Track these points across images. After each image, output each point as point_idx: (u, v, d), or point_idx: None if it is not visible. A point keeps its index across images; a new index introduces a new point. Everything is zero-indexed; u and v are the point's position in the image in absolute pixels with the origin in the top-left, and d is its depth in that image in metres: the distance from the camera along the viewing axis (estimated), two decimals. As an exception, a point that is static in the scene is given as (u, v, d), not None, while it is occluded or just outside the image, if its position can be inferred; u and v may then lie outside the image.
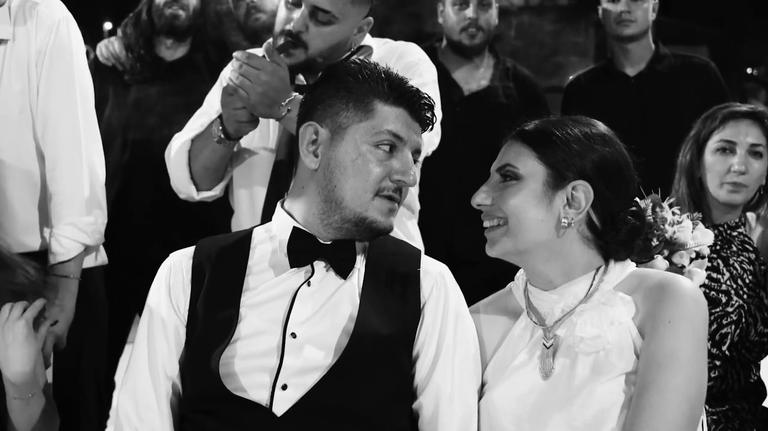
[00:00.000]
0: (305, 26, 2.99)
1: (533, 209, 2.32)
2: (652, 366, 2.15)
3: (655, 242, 2.92)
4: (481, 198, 2.34)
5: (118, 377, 4.16)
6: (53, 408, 2.73)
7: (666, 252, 2.98)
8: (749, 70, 30.35)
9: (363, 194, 2.35)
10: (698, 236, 2.98)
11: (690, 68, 4.90)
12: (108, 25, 30.19)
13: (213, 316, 2.30)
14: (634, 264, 2.36)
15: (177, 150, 3.18)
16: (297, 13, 2.99)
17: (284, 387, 2.18)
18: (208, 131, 3.06)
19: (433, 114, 2.44)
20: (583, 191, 2.30)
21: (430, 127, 2.45)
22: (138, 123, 4.25)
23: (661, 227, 2.92)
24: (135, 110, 4.27)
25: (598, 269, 2.32)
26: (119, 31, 4.61)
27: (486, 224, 2.36)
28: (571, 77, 4.89)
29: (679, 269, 2.91)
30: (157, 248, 3.80)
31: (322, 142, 2.36)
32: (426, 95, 2.43)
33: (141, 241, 4.12)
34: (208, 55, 4.52)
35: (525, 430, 2.22)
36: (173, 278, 2.38)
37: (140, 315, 3.99)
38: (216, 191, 3.21)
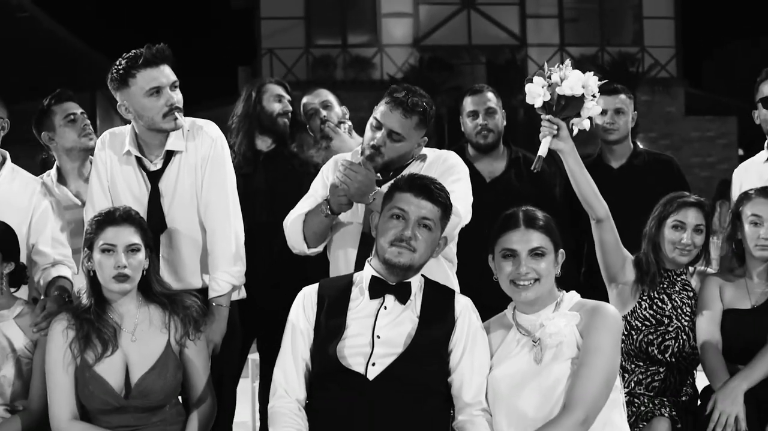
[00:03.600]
0: (384, 142, 4.34)
1: (552, 270, 3.81)
2: (586, 354, 3.61)
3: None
4: (528, 269, 3.73)
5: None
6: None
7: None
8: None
9: (383, 244, 3.81)
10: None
11: (658, 163, 5.87)
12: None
13: (330, 324, 3.78)
14: (578, 295, 3.84)
15: (294, 221, 4.45)
16: (378, 134, 4.34)
17: (373, 364, 3.66)
18: (317, 208, 4.34)
19: (438, 192, 3.83)
20: (562, 255, 3.84)
21: (440, 200, 3.82)
22: (249, 199, 5.10)
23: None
24: (245, 191, 5.02)
25: (557, 298, 3.79)
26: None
27: (525, 283, 3.75)
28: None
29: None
30: (270, 293, 5.05)
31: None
32: (425, 185, 3.82)
33: (259, 289, 5.04)
34: (288, 148, 5.61)
35: (514, 393, 3.65)
36: (306, 301, 3.86)
37: (257, 345, 5.45)
38: (320, 248, 4.47)
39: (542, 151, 4.45)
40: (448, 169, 4.46)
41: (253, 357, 6.44)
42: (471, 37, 27.55)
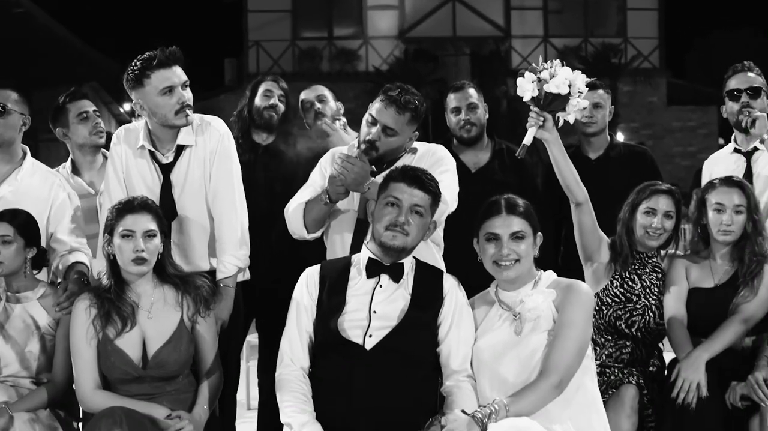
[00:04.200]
0: (379, 137, 4.70)
1: (531, 252, 4.21)
2: (561, 326, 4.02)
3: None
4: (509, 250, 4.15)
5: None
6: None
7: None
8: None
9: (379, 229, 4.22)
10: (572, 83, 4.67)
11: (633, 154, 6.26)
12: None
13: (332, 301, 4.17)
14: (555, 274, 4.23)
15: (295, 208, 4.81)
16: (374, 129, 4.71)
17: (370, 336, 4.06)
18: (317, 197, 4.71)
19: (428, 182, 4.23)
20: (540, 237, 4.23)
21: (431, 189, 4.24)
22: (249, 190, 5.21)
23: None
24: (245, 182, 5.19)
25: (536, 276, 4.19)
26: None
27: (506, 263, 4.16)
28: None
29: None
30: (269, 275, 5.44)
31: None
32: (416, 176, 4.23)
33: (257, 273, 5.26)
34: (286, 142, 6.03)
35: (496, 361, 4.06)
36: (309, 280, 4.25)
37: (256, 325, 5.65)
38: (318, 233, 4.84)
39: (527, 140, 4.78)
40: (437, 161, 4.84)
41: (248, 338, 6.80)
42: (456, 29, 27.95)
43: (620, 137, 26.86)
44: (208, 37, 32.72)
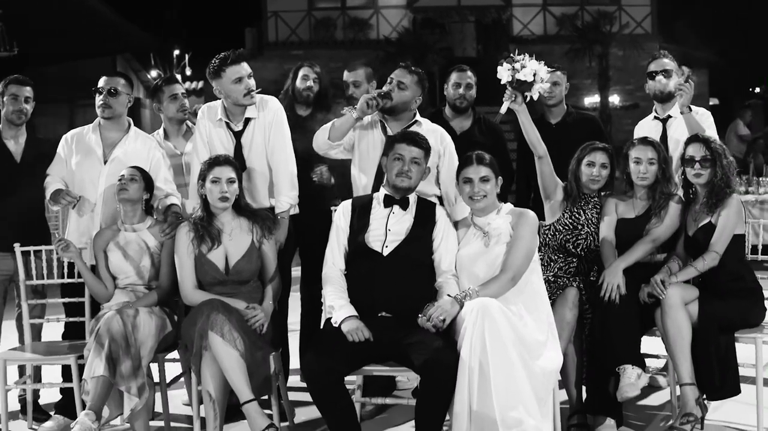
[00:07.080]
0: (394, 89, 6.38)
1: (494, 190, 5.76)
2: (515, 239, 5.65)
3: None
4: (479, 189, 5.71)
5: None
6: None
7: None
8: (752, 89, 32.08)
9: (391, 176, 5.74)
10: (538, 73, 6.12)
11: (585, 120, 7.80)
12: (177, 52, 32.01)
13: (359, 224, 5.78)
14: (512, 205, 5.84)
15: (322, 129, 6.46)
16: (391, 85, 6.37)
17: (386, 246, 5.69)
18: (345, 117, 6.40)
19: (421, 141, 5.79)
20: (500, 180, 5.80)
21: (424, 145, 5.79)
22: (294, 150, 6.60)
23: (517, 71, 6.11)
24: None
25: (498, 206, 5.82)
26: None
27: (478, 198, 5.72)
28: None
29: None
30: (308, 212, 6.89)
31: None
32: (412, 137, 5.83)
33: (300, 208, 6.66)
34: (321, 113, 7.34)
35: (471, 264, 5.69)
36: (344, 210, 5.87)
37: (299, 253, 7.17)
38: (337, 143, 6.49)
39: (502, 110, 6.30)
40: (443, 140, 6.48)
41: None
42: (460, -1, 28.64)
43: (615, 98, 28.16)
44: (229, 7, 33.40)
